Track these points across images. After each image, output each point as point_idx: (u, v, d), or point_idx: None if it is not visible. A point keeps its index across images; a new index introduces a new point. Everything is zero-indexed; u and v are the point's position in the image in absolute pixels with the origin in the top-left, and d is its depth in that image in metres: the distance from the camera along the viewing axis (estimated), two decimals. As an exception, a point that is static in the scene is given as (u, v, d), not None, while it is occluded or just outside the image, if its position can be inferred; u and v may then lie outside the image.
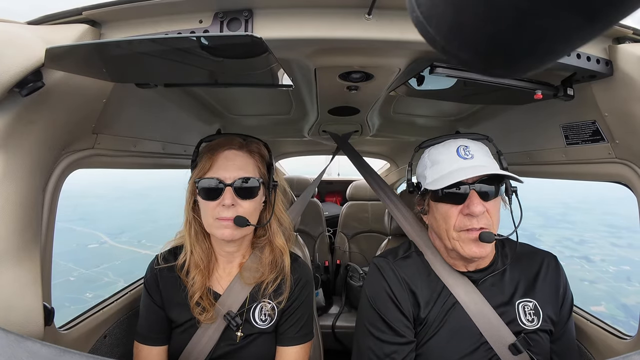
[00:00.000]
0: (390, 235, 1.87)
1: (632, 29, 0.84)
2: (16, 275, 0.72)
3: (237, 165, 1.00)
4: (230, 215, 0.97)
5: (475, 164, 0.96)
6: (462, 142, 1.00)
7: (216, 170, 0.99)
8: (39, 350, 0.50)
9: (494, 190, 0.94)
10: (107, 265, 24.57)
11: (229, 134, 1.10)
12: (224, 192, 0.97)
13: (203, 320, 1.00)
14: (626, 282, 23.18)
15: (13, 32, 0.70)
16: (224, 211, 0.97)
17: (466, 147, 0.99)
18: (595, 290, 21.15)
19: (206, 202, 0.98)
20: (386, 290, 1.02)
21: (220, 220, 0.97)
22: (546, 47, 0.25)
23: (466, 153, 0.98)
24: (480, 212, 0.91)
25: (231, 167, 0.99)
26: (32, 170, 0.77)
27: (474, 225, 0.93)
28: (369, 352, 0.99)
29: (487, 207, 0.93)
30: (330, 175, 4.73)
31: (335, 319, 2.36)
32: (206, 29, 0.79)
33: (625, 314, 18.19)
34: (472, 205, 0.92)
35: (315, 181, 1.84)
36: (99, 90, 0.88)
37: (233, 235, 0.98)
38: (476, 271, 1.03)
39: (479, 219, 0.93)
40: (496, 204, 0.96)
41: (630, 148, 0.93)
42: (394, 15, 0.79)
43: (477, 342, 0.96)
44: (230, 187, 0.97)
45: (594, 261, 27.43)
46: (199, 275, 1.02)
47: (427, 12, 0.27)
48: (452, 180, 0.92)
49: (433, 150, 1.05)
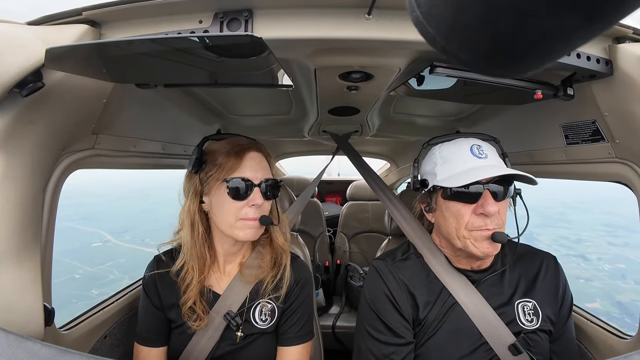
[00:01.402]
0: (391, 235, 1.87)
1: (632, 28, 0.84)
2: (16, 276, 0.72)
3: (261, 166, 1.02)
4: (257, 215, 0.98)
5: (490, 163, 0.96)
6: (475, 142, 1.00)
7: (244, 171, 0.98)
8: (39, 350, 0.50)
9: (505, 191, 0.94)
10: (112, 263, 24.70)
11: (233, 134, 1.09)
12: (252, 192, 0.97)
13: (196, 327, 0.98)
14: (621, 280, 23.64)
15: (13, 33, 0.70)
16: (252, 211, 0.97)
17: (479, 146, 0.99)
18: (591, 287, 21.57)
19: (232, 202, 0.96)
20: (385, 292, 1.02)
21: (246, 220, 0.97)
22: (546, 47, 0.25)
23: (480, 152, 0.97)
24: (494, 212, 0.91)
25: (257, 168, 1.00)
26: (32, 171, 0.77)
27: (488, 225, 0.93)
28: (368, 353, 1.00)
29: (498, 207, 0.93)
30: (330, 175, 4.73)
31: (336, 319, 2.36)
32: (206, 29, 0.79)
33: (619, 310, 18.60)
34: (487, 205, 0.91)
35: (315, 181, 1.84)
36: (99, 90, 0.88)
37: (256, 236, 0.99)
38: (476, 271, 1.03)
39: (492, 219, 0.93)
40: (506, 204, 0.96)
41: (630, 148, 0.93)
42: (394, 15, 0.79)
43: (477, 342, 0.96)
44: (258, 188, 0.98)
45: (590, 259, 27.86)
46: (196, 281, 1.00)
47: (427, 12, 0.27)
48: (469, 179, 0.91)
49: (444, 147, 1.04)
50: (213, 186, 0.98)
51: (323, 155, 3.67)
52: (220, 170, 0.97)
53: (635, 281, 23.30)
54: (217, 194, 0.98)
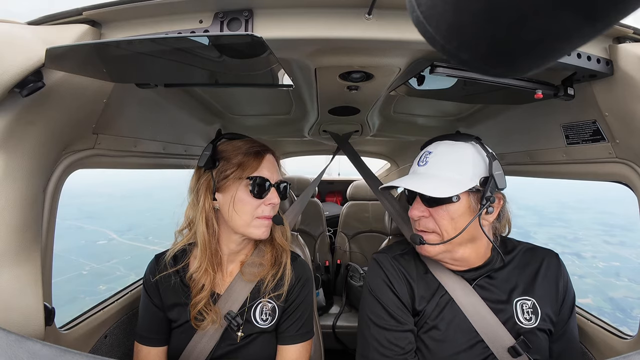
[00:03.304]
0: (391, 235, 1.87)
1: (632, 28, 0.84)
2: (17, 276, 0.72)
3: (276, 168, 1.07)
4: (272, 214, 1.03)
5: (425, 172, 1.00)
6: (432, 148, 1.04)
7: (263, 171, 1.02)
8: (40, 350, 0.50)
9: (436, 198, 0.95)
10: (118, 260, 25.26)
11: (244, 136, 1.12)
12: (269, 191, 1.02)
13: (202, 327, 0.99)
14: (615, 277, 24.41)
15: (13, 33, 0.70)
16: (268, 210, 1.02)
17: (429, 152, 1.03)
18: (584, 284, 22.32)
19: (251, 200, 0.99)
20: (385, 280, 1.05)
21: (262, 219, 1.01)
22: (546, 47, 0.25)
23: (423, 160, 1.03)
24: (415, 215, 1.01)
25: (273, 169, 1.05)
26: (33, 171, 0.77)
27: (416, 227, 1.03)
28: (373, 341, 1.01)
29: (431, 212, 0.98)
30: (331, 175, 4.73)
31: (336, 319, 2.36)
32: (206, 29, 0.79)
33: (612, 306, 19.59)
34: (412, 209, 1.03)
35: (315, 181, 1.84)
36: (100, 90, 0.88)
37: (267, 234, 1.04)
38: (470, 270, 1.03)
39: (419, 222, 1.01)
40: (444, 210, 0.95)
41: (631, 148, 0.93)
42: (394, 15, 0.78)
43: (473, 339, 0.97)
44: (275, 188, 1.03)
45: (584, 257, 28.78)
46: (207, 282, 1.00)
47: (427, 11, 0.27)
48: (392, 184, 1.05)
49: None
50: (231, 184, 1.00)
51: (323, 155, 3.68)
52: (242, 168, 1.00)
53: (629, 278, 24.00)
54: (236, 192, 0.99)
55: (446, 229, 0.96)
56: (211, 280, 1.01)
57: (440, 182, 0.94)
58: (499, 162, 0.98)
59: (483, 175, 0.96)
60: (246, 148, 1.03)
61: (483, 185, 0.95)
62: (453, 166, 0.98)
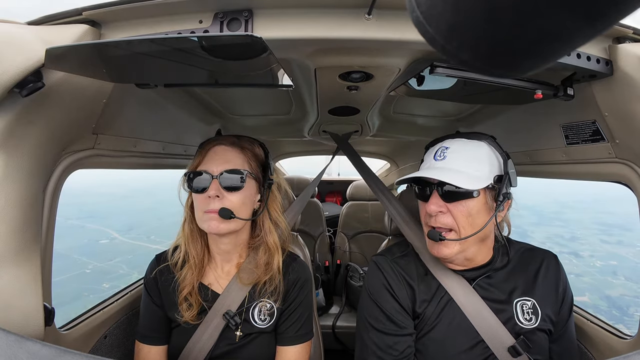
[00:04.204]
0: (391, 235, 1.87)
1: (632, 28, 0.84)
2: (16, 276, 0.72)
3: (225, 158, 1.02)
4: (216, 207, 0.97)
5: (444, 166, 0.97)
6: (448, 144, 1.01)
7: (204, 164, 1.02)
8: (39, 350, 0.50)
9: (456, 193, 0.93)
10: (120, 258, 25.57)
11: (226, 135, 1.11)
12: (210, 184, 0.98)
13: (189, 318, 1.00)
14: (612, 276, 24.68)
15: (13, 33, 0.70)
16: (211, 203, 0.98)
17: (446, 148, 1.00)
18: (581, 282, 22.56)
19: (196, 196, 1.01)
20: (384, 284, 1.04)
21: (208, 212, 0.98)
22: (546, 47, 0.25)
23: (441, 155, 1.00)
24: (433, 211, 0.95)
25: (218, 161, 1.01)
26: (33, 171, 0.77)
27: (432, 223, 0.98)
28: (372, 345, 1.01)
29: (449, 208, 0.95)
30: (331, 175, 4.72)
31: (336, 319, 2.36)
32: (206, 29, 0.79)
33: (607, 304, 19.80)
34: (429, 204, 0.97)
35: (315, 181, 1.84)
36: (99, 90, 0.88)
37: (219, 228, 0.98)
38: (471, 270, 1.03)
39: (436, 218, 0.96)
40: (463, 206, 0.94)
41: (631, 148, 0.93)
42: (394, 15, 0.78)
43: (474, 339, 0.97)
44: (216, 179, 0.99)
45: (582, 256, 28.97)
46: (189, 272, 1.03)
47: (427, 12, 0.27)
48: (412, 176, 0.99)
49: (429, 151, 1.08)
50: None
51: (323, 155, 3.67)
52: (191, 165, 1.04)
53: (625, 277, 24.23)
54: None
55: (463, 225, 0.94)
56: (192, 273, 1.03)
57: (462, 176, 0.93)
58: (512, 161, 0.99)
59: (497, 174, 0.97)
60: (199, 146, 1.07)
61: (497, 183, 0.96)
62: (471, 163, 0.98)
